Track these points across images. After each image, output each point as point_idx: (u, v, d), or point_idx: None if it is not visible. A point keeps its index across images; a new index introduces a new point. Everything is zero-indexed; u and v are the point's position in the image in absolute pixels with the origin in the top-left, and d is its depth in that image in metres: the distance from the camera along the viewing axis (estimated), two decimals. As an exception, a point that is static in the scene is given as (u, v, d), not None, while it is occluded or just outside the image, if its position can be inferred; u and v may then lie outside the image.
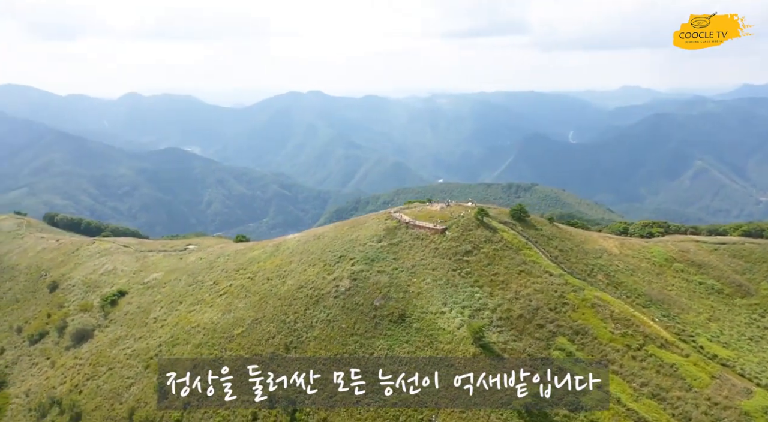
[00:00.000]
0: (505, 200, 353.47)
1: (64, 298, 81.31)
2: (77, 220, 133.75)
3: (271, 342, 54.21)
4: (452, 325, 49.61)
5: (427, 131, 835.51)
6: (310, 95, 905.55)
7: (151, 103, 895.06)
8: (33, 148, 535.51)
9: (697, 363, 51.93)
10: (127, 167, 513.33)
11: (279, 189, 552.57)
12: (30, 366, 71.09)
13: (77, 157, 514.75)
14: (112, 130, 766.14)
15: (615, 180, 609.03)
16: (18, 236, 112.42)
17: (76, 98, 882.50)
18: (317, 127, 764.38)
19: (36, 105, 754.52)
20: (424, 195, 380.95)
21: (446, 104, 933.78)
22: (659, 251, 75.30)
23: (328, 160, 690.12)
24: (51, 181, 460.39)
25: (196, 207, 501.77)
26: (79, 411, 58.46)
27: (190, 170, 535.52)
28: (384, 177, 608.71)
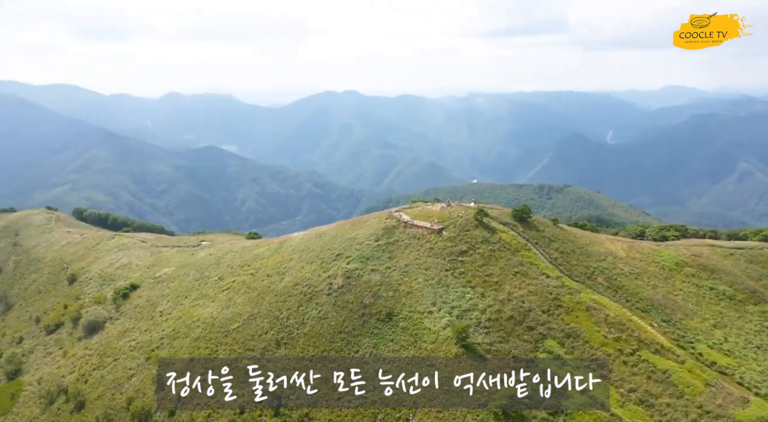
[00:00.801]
0: (536, 201, 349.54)
1: (81, 291, 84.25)
2: (104, 216, 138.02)
3: (263, 338, 55.15)
4: (438, 325, 49.56)
5: (464, 131, 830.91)
6: (345, 95, 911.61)
7: (192, 102, 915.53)
8: (77, 145, 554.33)
9: (693, 370, 50.57)
10: (165, 165, 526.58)
11: (312, 187, 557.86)
12: (44, 355, 73.97)
13: (119, 154, 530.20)
14: (154, 128, 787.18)
15: (655, 182, 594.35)
16: (47, 230, 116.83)
17: (120, 98, 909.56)
18: (352, 126, 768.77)
19: (82, 104, 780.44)
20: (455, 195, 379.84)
21: (483, 104, 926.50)
22: (670, 255, 73.42)
23: (362, 160, 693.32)
24: (93, 177, 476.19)
25: (231, 204, 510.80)
26: (82, 399, 60.60)
27: (226, 168, 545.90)
28: (418, 176, 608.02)
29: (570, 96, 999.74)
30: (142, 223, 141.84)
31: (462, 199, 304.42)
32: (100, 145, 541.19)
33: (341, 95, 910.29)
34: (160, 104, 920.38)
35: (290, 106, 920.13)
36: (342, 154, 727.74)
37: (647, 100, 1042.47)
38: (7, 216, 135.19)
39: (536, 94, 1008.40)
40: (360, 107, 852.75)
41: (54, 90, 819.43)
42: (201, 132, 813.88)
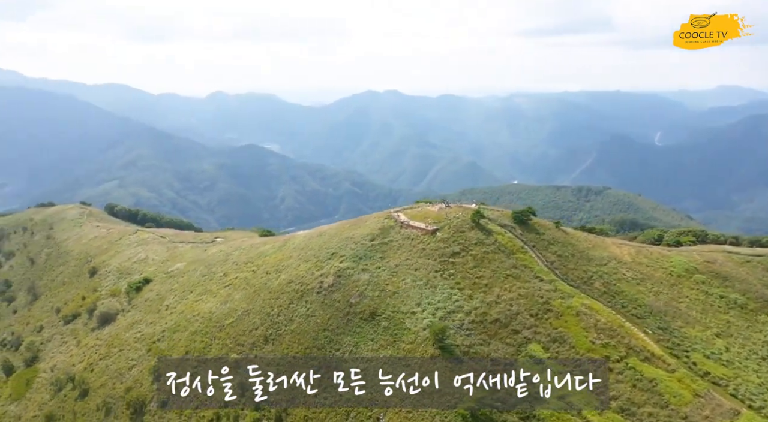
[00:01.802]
0: (573, 204, 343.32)
1: (99, 283, 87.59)
2: (134, 211, 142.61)
3: (253, 334, 56.38)
4: (419, 326, 49.67)
5: (504, 131, 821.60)
6: (386, 94, 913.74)
7: (236, 101, 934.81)
8: (125, 143, 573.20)
9: (682, 380, 49.17)
10: (208, 163, 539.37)
11: (351, 186, 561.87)
12: (60, 344, 77.30)
13: (164, 152, 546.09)
14: (199, 127, 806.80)
15: (703, 185, 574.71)
16: (78, 224, 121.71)
17: (168, 97, 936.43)
18: (392, 125, 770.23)
19: (131, 103, 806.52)
20: (491, 195, 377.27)
21: (526, 104, 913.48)
22: (680, 261, 71.33)
23: (402, 159, 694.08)
24: (139, 174, 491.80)
25: (271, 202, 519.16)
26: (87, 387, 63.18)
27: (267, 166, 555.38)
28: (457, 176, 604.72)
29: (615, 96, 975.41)
30: (171, 219, 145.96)
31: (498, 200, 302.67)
32: (147, 143, 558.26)
33: (382, 94, 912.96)
34: (205, 103, 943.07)
35: (332, 105, 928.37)
36: (382, 154, 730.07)
37: (699, 100, 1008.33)
38: (45, 211, 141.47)
39: (580, 94, 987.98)
40: (401, 106, 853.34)
41: (105, 89, 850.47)
42: (244, 130, 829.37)
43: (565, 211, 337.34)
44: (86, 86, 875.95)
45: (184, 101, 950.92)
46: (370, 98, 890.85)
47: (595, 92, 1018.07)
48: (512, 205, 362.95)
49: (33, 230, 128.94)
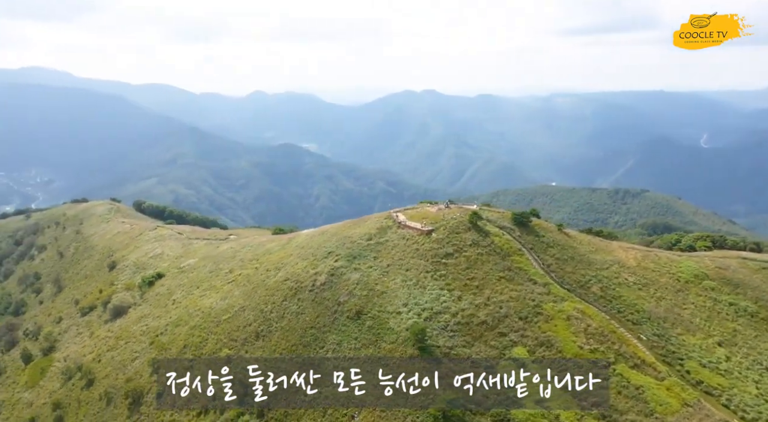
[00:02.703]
0: (609, 206, 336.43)
1: (116, 277, 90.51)
2: (162, 208, 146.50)
3: (246, 330, 57.50)
4: (402, 326, 49.79)
5: (543, 131, 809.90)
6: (424, 94, 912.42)
7: (275, 101, 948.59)
8: (166, 141, 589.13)
9: (671, 388, 47.95)
10: (245, 161, 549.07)
11: (385, 186, 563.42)
12: (75, 334, 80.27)
13: (203, 150, 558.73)
14: (239, 126, 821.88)
15: (752, 189, 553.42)
16: (105, 220, 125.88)
17: (209, 96, 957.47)
18: (429, 125, 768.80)
19: (174, 102, 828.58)
20: (524, 197, 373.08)
21: (565, 104, 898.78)
22: (689, 266, 69.37)
23: (438, 159, 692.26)
24: (178, 171, 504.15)
25: (305, 200, 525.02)
26: (92, 377, 65.54)
27: (302, 165, 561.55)
28: (493, 177, 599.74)
29: (659, 96, 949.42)
30: (197, 217, 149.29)
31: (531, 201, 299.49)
32: (187, 141, 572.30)
33: (420, 94, 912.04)
34: (245, 102, 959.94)
35: (369, 105, 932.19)
36: (418, 153, 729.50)
37: (748, 101, 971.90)
38: (77, 207, 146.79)
39: (622, 94, 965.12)
40: (438, 106, 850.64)
41: (150, 89, 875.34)
42: (282, 129, 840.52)
43: (600, 214, 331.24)
44: (132, 86, 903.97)
45: (224, 100, 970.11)
46: (407, 98, 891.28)
47: (637, 92, 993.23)
48: (547, 207, 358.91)
49: (65, 225, 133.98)
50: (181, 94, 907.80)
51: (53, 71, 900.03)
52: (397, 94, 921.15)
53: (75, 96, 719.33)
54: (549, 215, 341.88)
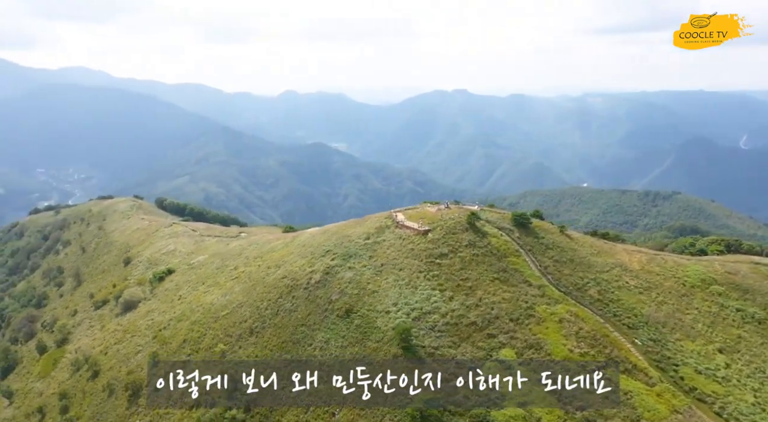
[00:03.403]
0: (639, 208, 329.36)
1: (130, 272, 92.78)
2: (182, 205, 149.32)
3: (241, 326, 58.43)
4: (388, 325, 49.91)
5: (576, 132, 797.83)
6: (454, 94, 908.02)
7: (306, 100, 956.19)
8: (198, 140, 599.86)
9: (662, 394, 46.98)
10: (275, 160, 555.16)
11: (413, 186, 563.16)
12: (88, 327, 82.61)
13: (234, 149, 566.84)
14: (270, 125, 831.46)
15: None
16: (126, 217, 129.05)
17: (241, 96, 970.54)
18: (459, 125, 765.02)
19: (207, 102, 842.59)
20: (551, 198, 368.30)
21: (599, 104, 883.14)
22: (697, 271, 67.77)
23: (468, 159, 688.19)
24: (209, 170, 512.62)
25: (333, 199, 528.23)
26: (98, 369, 67.42)
27: (331, 164, 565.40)
28: (523, 177, 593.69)
29: (698, 96, 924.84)
30: (216, 214, 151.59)
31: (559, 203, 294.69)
32: (218, 140, 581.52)
33: (450, 94, 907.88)
34: (276, 102, 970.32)
35: (399, 104, 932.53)
36: (448, 153, 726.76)
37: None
38: (102, 203, 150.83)
39: (659, 94, 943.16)
40: (469, 106, 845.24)
41: (183, 88, 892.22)
42: (313, 129, 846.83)
43: (629, 216, 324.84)
44: (167, 86, 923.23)
45: (256, 100, 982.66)
46: (437, 97, 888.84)
47: (675, 92, 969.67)
48: (574, 208, 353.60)
49: (89, 221, 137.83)
50: (214, 94, 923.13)
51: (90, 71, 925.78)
52: (427, 94, 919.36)
53: (111, 95, 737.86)
54: (576, 217, 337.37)
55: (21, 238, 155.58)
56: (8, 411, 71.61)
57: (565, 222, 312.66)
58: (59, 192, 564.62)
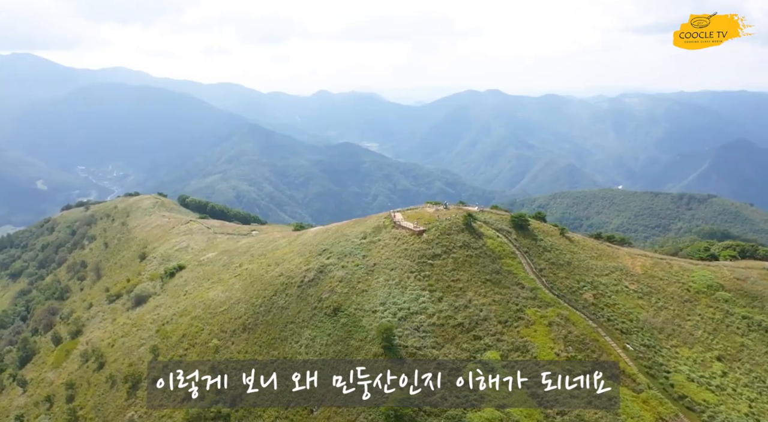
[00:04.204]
0: (672, 212, 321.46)
1: (144, 268, 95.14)
2: (204, 203, 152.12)
3: (236, 322, 59.46)
4: (373, 325, 50.12)
5: (611, 133, 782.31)
6: (487, 94, 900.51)
7: (339, 100, 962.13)
8: (232, 139, 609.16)
9: (648, 401, 46.09)
10: (305, 159, 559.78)
11: (443, 186, 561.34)
12: (101, 320, 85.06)
13: (265, 148, 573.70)
14: (303, 124, 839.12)
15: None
16: (148, 213, 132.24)
17: (276, 95, 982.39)
18: (491, 125, 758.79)
19: (242, 101, 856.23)
20: (582, 200, 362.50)
21: (636, 104, 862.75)
22: (703, 276, 66.08)
23: (499, 160, 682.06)
24: (241, 168, 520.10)
25: (363, 199, 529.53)
26: (104, 361, 69.42)
27: (361, 164, 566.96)
28: (555, 179, 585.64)
29: (741, 96, 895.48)
30: (238, 212, 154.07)
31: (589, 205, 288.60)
32: (250, 139, 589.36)
33: (483, 94, 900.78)
34: (310, 102, 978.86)
35: (431, 104, 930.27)
36: (479, 154, 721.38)
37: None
38: (127, 200, 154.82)
39: (699, 94, 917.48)
40: (501, 106, 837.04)
41: (219, 88, 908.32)
42: (345, 128, 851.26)
43: (662, 220, 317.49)
44: (203, 85, 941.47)
45: (290, 99, 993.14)
46: (470, 97, 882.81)
47: (716, 92, 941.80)
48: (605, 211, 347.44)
49: (114, 217, 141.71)
50: (249, 93, 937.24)
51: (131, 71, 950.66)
52: (459, 94, 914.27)
53: (151, 95, 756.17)
54: (607, 219, 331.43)
55: (51, 233, 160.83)
56: (21, 400, 74.29)
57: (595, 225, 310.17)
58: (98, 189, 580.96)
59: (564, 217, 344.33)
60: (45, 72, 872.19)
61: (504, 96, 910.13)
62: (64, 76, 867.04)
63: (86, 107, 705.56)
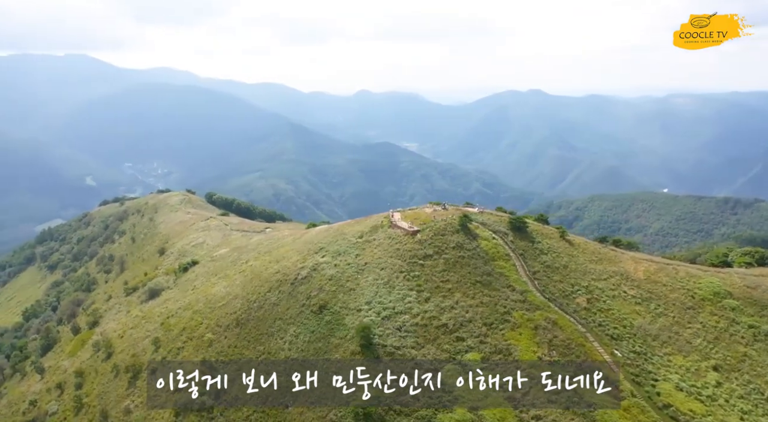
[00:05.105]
0: (716, 216, 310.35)
1: (161, 262, 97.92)
2: (230, 200, 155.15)
3: (231, 317, 60.79)
4: (355, 323, 50.48)
5: (657, 134, 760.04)
6: (529, 94, 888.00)
7: (380, 100, 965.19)
8: (272, 137, 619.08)
9: (629, 409, 45.01)
10: (344, 158, 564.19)
11: (481, 187, 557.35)
12: (116, 312, 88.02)
13: (304, 147, 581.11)
14: (343, 124, 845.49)
15: None
16: (174, 210, 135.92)
17: (317, 95, 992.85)
18: (532, 126, 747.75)
19: (283, 100, 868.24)
20: (621, 203, 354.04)
21: (685, 105, 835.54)
22: (711, 283, 63.90)
23: (539, 161, 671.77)
24: (280, 167, 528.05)
25: (400, 199, 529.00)
26: (111, 351, 71.92)
27: (398, 164, 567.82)
28: (596, 181, 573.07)
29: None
30: (263, 210, 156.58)
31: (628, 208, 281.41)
32: (290, 138, 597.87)
33: (525, 94, 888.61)
34: (350, 101, 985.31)
35: (472, 105, 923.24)
36: (519, 154, 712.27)
37: None
38: (158, 197, 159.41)
39: (754, 95, 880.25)
40: (543, 107, 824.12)
41: (262, 88, 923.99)
42: (385, 128, 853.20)
43: (705, 224, 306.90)
44: (246, 85, 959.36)
45: (331, 99, 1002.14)
46: (511, 98, 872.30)
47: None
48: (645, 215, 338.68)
49: (144, 213, 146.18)
50: (291, 93, 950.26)
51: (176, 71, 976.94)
52: (500, 94, 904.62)
53: (195, 94, 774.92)
54: (646, 223, 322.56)
55: (87, 227, 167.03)
56: (38, 386, 77.62)
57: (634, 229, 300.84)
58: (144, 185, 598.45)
59: (602, 221, 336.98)
60: (96, 72, 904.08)
61: (545, 96, 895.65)
62: (113, 76, 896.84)
63: (134, 106, 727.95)
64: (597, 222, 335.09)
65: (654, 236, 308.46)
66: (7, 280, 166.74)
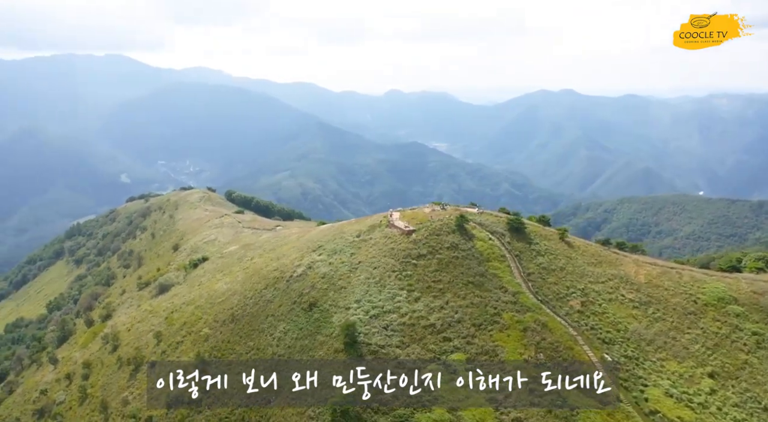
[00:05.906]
0: (751, 221, 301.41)
1: (174, 258, 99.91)
2: (250, 198, 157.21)
3: (227, 313, 61.74)
4: (342, 321, 50.76)
5: (695, 136, 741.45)
6: (561, 94, 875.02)
7: (410, 99, 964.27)
8: (302, 136, 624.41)
9: (613, 414, 44.24)
10: (372, 158, 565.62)
11: (510, 187, 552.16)
12: (128, 306, 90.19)
13: (333, 146, 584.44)
14: (373, 123, 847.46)
15: None
16: (193, 207, 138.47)
17: (347, 94, 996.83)
18: (564, 126, 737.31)
19: (314, 100, 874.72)
20: (651, 206, 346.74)
21: (726, 105, 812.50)
22: (716, 288, 62.29)
23: (570, 161, 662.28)
24: (309, 166, 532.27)
25: (426, 199, 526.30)
26: (118, 344, 73.77)
27: (427, 164, 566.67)
28: (629, 183, 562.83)
29: None
30: (282, 208, 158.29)
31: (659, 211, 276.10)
32: (319, 137, 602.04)
33: (556, 94, 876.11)
34: (381, 101, 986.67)
35: (502, 104, 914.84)
36: (549, 155, 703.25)
37: None
38: (179, 194, 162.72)
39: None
40: (575, 107, 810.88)
41: (293, 87, 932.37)
42: (415, 128, 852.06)
43: (739, 229, 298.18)
44: (278, 84, 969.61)
45: (362, 99, 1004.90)
46: (542, 97, 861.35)
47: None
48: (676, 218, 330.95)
49: (165, 209, 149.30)
50: (322, 93, 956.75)
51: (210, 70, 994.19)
52: (532, 94, 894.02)
53: (228, 94, 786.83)
54: (677, 227, 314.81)
55: (113, 223, 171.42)
56: (50, 376, 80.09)
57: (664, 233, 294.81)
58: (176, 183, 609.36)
59: (631, 223, 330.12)
60: (133, 72, 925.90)
61: (578, 96, 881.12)
62: (149, 76, 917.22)
63: (168, 105, 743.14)
64: (626, 225, 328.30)
65: (685, 240, 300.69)
66: (37, 274, 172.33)
